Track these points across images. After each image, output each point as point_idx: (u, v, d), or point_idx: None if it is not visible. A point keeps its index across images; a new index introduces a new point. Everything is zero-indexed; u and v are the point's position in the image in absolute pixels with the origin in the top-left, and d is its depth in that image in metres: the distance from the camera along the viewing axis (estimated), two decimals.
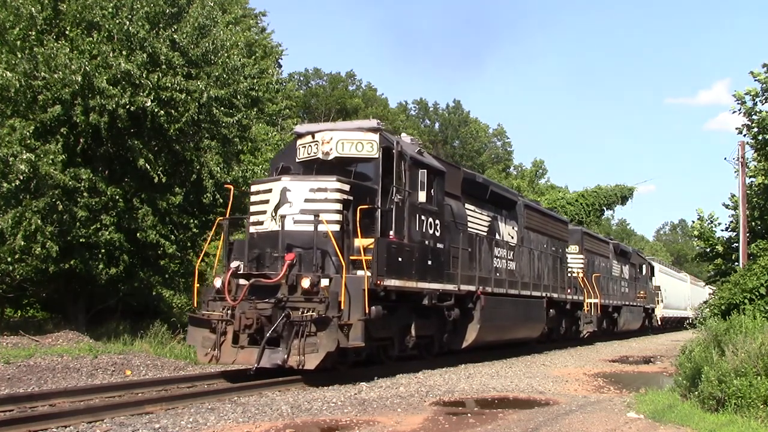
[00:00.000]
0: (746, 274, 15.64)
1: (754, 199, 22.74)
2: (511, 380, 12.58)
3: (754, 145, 20.82)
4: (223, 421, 7.75)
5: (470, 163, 61.33)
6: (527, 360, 17.38)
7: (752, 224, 22.63)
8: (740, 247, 21.83)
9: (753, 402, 8.43)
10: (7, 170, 14.02)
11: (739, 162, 22.01)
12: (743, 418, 8.18)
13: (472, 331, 15.36)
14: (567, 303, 22.61)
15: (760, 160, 21.35)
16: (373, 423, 7.85)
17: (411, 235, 12.69)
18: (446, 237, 14.20)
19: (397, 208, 12.39)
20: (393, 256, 11.82)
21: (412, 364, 13.81)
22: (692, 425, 7.97)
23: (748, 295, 14.80)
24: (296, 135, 13.57)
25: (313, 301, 10.69)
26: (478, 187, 17.03)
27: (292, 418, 8.03)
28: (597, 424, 8.03)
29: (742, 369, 8.97)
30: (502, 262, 17.69)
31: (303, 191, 11.52)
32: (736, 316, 12.41)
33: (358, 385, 11.12)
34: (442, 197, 14.18)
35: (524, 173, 71.31)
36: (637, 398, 10.05)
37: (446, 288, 13.87)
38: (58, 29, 15.76)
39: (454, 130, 70.62)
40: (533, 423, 8.01)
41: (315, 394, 9.91)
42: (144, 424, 7.33)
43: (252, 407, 8.60)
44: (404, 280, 12.22)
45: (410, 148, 13.25)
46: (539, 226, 21.27)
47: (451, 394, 10.45)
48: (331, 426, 7.76)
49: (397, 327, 12.93)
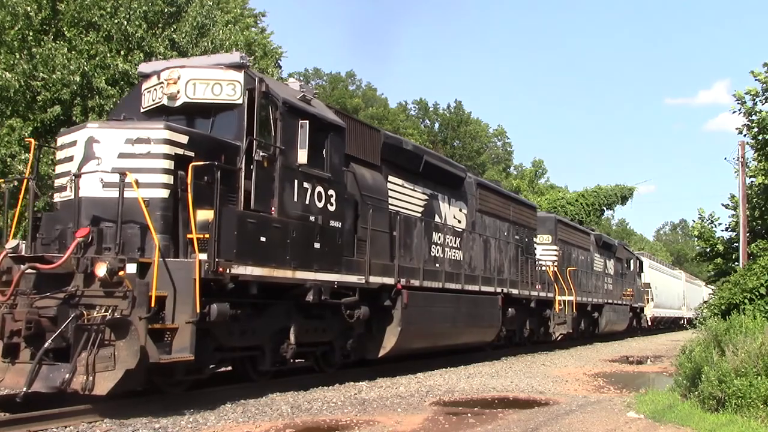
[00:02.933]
0: (746, 274, 15.61)
1: (754, 199, 22.72)
2: (511, 380, 12.58)
3: (754, 145, 20.80)
4: (223, 421, 7.74)
5: (470, 163, 61.27)
6: (527, 360, 17.39)
7: (752, 224, 22.62)
8: (740, 247, 21.83)
9: (753, 402, 8.41)
10: (6, 170, 14.03)
11: (739, 162, 22.01)
12: (743, 418, 8.17)
13: (391, 335, 12.31)
14: (531, 300, 19.50)
15: (760, 160, 21.31)
16: (373, 423, 7.84)
17: (284, 207, 9.59)
18: (347, 214, 11.15)
19: (261, 169, 9.31)
20: (250, 234, 8.87)
21: (413, 364, 13.77)
22: (692, 425, 7.96)
23: (748, 295, 14.77)
24: (141, 76, 10.70)
25: (115, 296, 7.70)
26: (408, 156, 13.79)
27: (292, 418, 8.02)
28: (597, 424, 8.03)
29: (742, 369, 8.96)
30: (442, 251, 14.62)
31: (116, 143, 8.51)
32: (736, 316, 12.38)
33: (358, 385, 11.11)
34: (340, 162, 11.01)
35: (524, 173, 71.38)
36: (637, 398, 10.05)
37: (346, 280, 10.92)
38: (56, 29, 15.77)
39: (454, 130, 70.62)
40: (533, 423, 8.00)
41: (315, 394, 9.90)
42: (144, 424, 7.32)
43: (252, 407, 8.59)
44: (271, 267, 9.23)
45: (285, 91, 10.18)
46: (498, 210, 18.32)
47: (451, 394, 10.44)
48: (331, 426, 7.74)
49: (267, 332, 9.86)
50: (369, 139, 12.49)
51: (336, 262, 10.70)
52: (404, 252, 12.99)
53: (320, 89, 59.46)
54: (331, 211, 10.62)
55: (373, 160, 12.54)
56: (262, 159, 9.29)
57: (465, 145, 70.02)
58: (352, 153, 11.70)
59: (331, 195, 10.65)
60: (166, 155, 8.54)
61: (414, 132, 56.17)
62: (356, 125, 12.31)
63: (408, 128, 56.31)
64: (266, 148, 9.41)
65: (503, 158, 76.54)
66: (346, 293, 11.04)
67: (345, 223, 11.01)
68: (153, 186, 8.38)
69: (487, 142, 75.24)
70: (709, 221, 25.70)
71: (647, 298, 38.06)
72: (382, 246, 12.28)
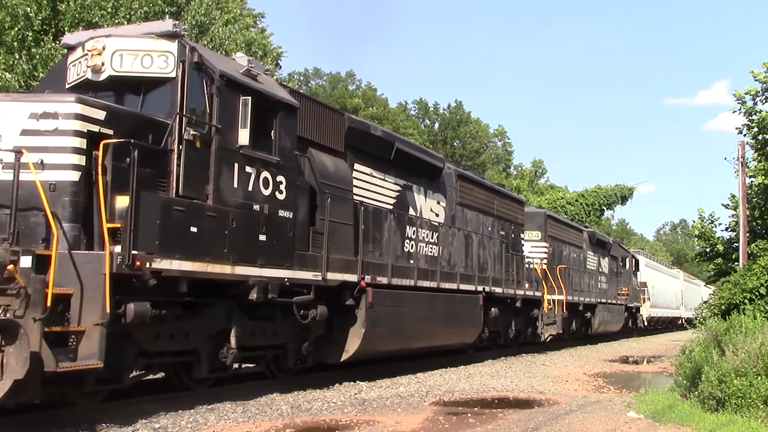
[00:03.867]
0: (746, 274, 15.63)
1: (754, 199, 22.74)
2: (511, 380, 12.58)
3: (754, 145, 20.82)
4: (223, 421, 7.74)
5: (470, 163, 61.31)
6: (527, 360, 17.40)
7: (752, 224, 22.64)
8: (740, 247, 21.85)
9: (753, 402, 8.41)
10: None
11: (739, 162, 22.05)
12: (743, 418, 8.18)
13: (355, 337, 11.26)
14: (517, 300, 18.42)
15: (760, 160, 21.34)
16: (373, 423, 7.84)
17: (221, 193, 8.54)
18: (300, 203, 10.04)
19: (192, 150, 8.21)
20: (177, 223, 7.80)
21: (412, 364, 13.77)
22: (692, 425, 7.96)
23: (748, 295, 14.79)
24: (66, 48, 9.55)
25: (7, 294, 6.62)
26: (377, 142, 12.66)
27: (292, 418, 8.01)
28: (597, 424, 8.03)
29: (742, 369, 8.96)
30: (417, 246, 13.59)
31: (19, 119, 7.44)
32: (736, 316, 12.39)
33: (358, 385, 11.11)
34: (292, 145, 9.88)
35: (524, 173, 71.45)
36: (637, 398, 10.05)
37: (298, 276, 9.83)
38: (56, 29, 15.79)
39: (454, 129, 70.63)
40: (533, 423, 8.00)
41: (315, 394, 9.90)
42: (144, 423, 7.32)
43: (252, 407, 8.59)
44: (205, 261, 8.15)
45: (224, 64, 9.07)
46: (481, 204, 17.26)
47: (451, 394, 10.44)
48: (331, 426, 7.74)
49: (204, 335, 8.78)
50: (331, 123, 11.36)
51: (286, 256, 9.60)
52: (373, 247, 12.01)
53: (320, 89, 59.49)
54: (280, 200, 9.47)
55: (336, 146, 11.44)
56: (193, 138, 8.21)
57: (465, 145, 69.97)
58: (310, 137, 10.70)
59: (280, 181, 9.50)
60: (77, 132, 7.41)
61: (414, 132, 56.16)
62: (315, 107, 11.19)
63: (408, 128, 56.27)
64: (199, 127, 8.35)
65: (503, 158, 76.54)
66: (300, 291, 9.99)
67: (298, 214, 9.90)
68: (61, 167, 7.30)
69: (487, 142, 75.21)
70: (709, 221, 25.75)
71: (643, 298, 37.06)
72: (345, 240, 11.11)
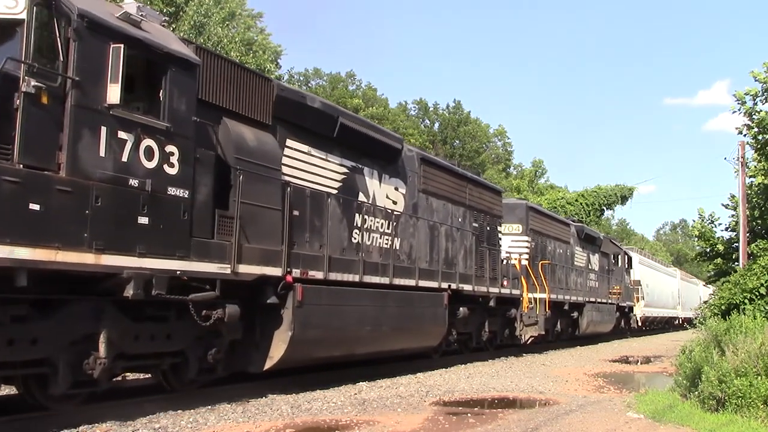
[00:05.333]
0: (746, 274, 15.65)
1: (754, 199, 22.76)
2: (511, 380, 12.59)
3: (754, 145, 20.84)
4: (223, 421, 7.74)
5: (470, 163, 61.30)
6: (527, 360, 17.40)
7: (752, 224, 22.66)
8: (740, 247, 21.86)
9: (753, 402, 8.43)
10: None
11: (739, 162, 22.07)
12: (743, 418, 8.19)
13: (280, 342, 9.61)
14: (491, 298, 16.67)
15: (760, 160, 21.34)
16: (373, 423, 7.84)
17: (80, 163, 6.90)
18: (202, 180, 8.40)
19: (35, 107, 6.62)
20: (7, 198, 6.21)
21: (413, 364, 13.76)
22: (692, 425, 7.97)
23: (748, 295, 14.82)
24: None
25: None
26: (316, 116, 10.94)
27: (292, 418, 8.02)
28: (597, 424, 8.03)
29: (743, 369, 8.97)
30: (369, 237, 12.09)
31: None
32: (736, 316, 12.40)
33: (358, 385, 11.11)
34: (189, 109, 8.24)
35: (524, 173, 71.45)
36: (637, 398, 10.06)
37: (197, 269, 8.19)
38: None
39: (453, 129, 70.61)
40: (533, 423, 8.00)
41: (315, 394, 9.89)
42: (144, 424, 7.32)
43: (252, 407, 8.60)
44: (53, 248, 6.52)
45: (88, 4, 7.25)
46: (450, 192, 15.52)
47: (451, 394, 10.45)
48: (331, 426, 7.74)
49: (61, 341, 7.08)
50: (254, 90, 9.74)
51: (179, 244, 7.92)
52: (310, 236, 10.47)
53: (320, 89, 59.50)
54: (170, 175, 7.84)
55: (261, 117, 9.84)
56: (35, 91, 6.60)
57: (465, 145, 69.97)
58: (223, 104, 9.17)
59: (170, 153, 7.88)
60: None
61: (414, 132, 56.21)
62: (232, 68, 9.48)
63: (408, 128, 56.31)
64: (45, 77, 6.69)
65: (503, 158, 76.51)
66: (201, 287, 8.40)
67: (197, 193, 8.27)
68: None
69: (486, 141, 75.20)
70: (709, 221, 25.75)
71: (637, 297, 35.43)
72: (267, 227, 9.44)
